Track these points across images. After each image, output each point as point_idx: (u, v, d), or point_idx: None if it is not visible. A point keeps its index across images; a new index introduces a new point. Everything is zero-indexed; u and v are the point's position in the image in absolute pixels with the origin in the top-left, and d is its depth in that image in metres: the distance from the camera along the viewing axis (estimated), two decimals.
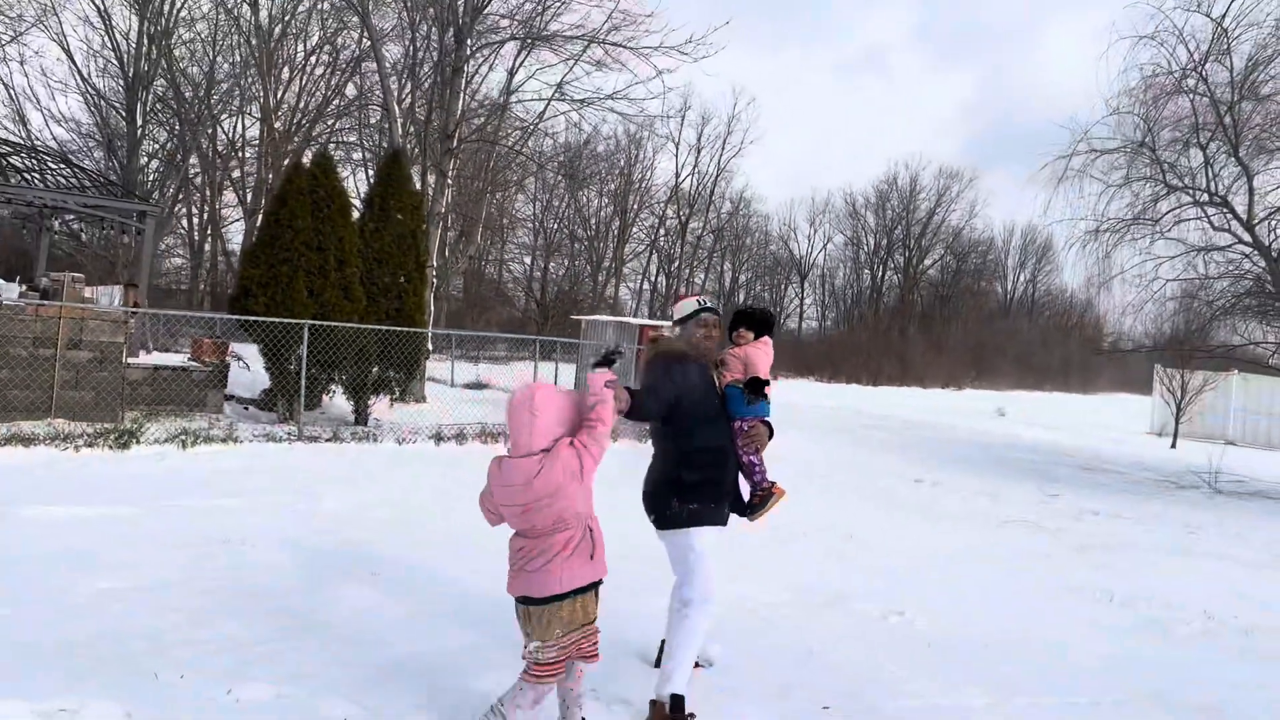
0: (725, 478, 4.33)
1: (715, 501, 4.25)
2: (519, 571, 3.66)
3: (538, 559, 3.62)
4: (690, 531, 4.24)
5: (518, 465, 3.58)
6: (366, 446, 11.98)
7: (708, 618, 4.17)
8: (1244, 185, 15.56)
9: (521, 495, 3.57)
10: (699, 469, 4.26)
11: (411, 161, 21.72)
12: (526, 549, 3.65)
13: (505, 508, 3.65)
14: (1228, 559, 9.32)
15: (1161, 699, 4.94)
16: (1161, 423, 27.39)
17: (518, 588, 3.68)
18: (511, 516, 3.67)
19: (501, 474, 3.64)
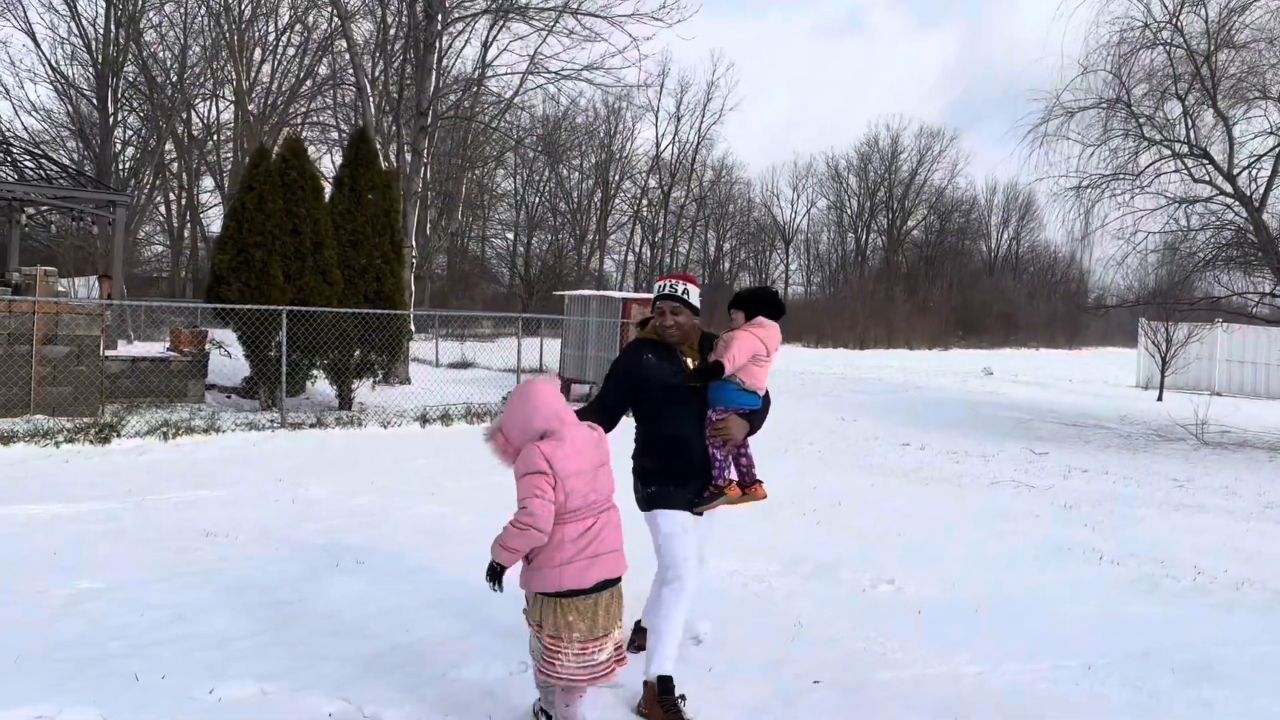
0: (685, 466, 4.12)
1: (675, 485, 4.12)
2: (593, 558, 3.42)
3: (610, 535, 3.50)
4: (654, 514, 4.16)
5: (578, 430, 3.51)
6: (351, 431, 11.89)
7: (678, 596, 4.05)
8: (1223, 135, 15.49)
9: (594, 455, 3.50)
10: (654, 455, 4.18)
11: (388, 140, 21.48)
12: (596, 528, 3.45)
13: (577, 477, 3.41)
14: (1216, 511, 9.34)
15: (1152, 657, 4.93)
16: (1147, 376, 27.50)
17: (599, 572, 3.43)
18: (584, 485, 3.43)
19: (568, 443, 3.43)
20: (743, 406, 4.11)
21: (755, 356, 4.08)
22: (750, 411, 4.13)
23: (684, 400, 4.12)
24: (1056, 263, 71.37)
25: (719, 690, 4.25)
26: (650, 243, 57.98)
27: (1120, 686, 4.53)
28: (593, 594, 3.43)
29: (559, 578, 3.40)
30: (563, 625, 3.42)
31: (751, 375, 4.09)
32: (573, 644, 3.42)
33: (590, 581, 3.41)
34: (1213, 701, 4.36)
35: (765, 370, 4.15)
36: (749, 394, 4.10)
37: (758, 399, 4.14)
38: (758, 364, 4.10)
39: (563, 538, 3.40)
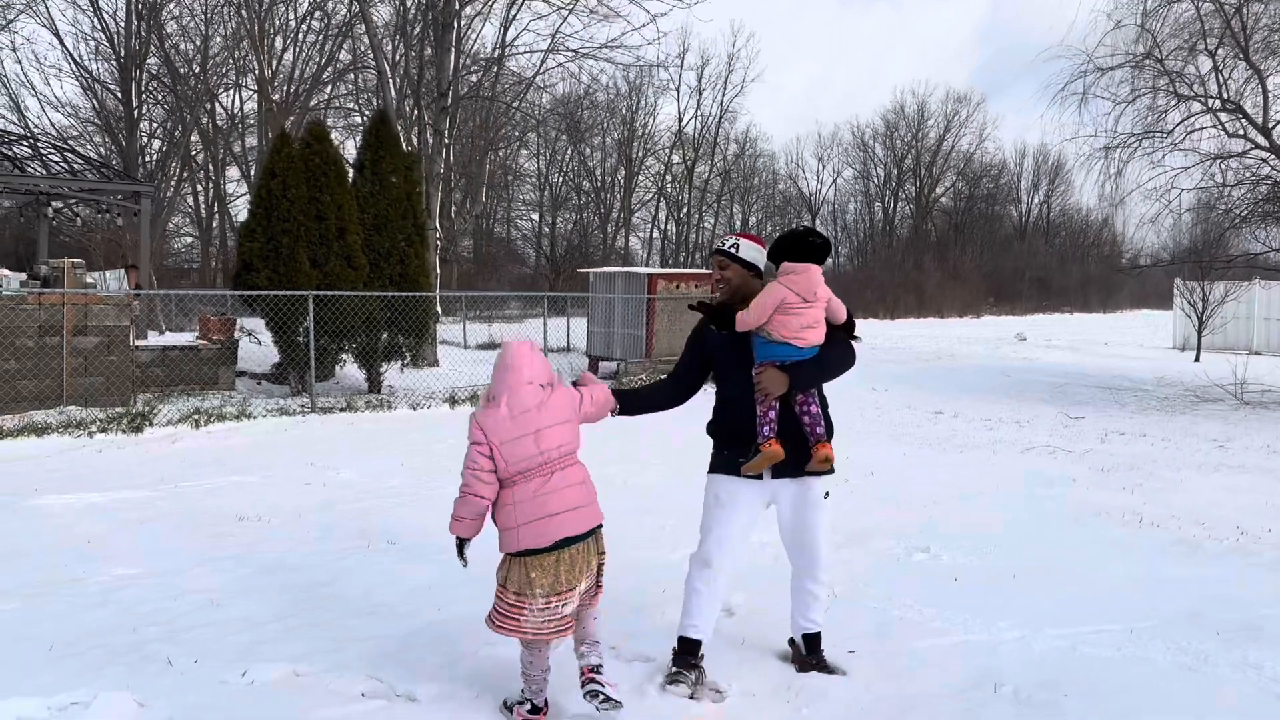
0: (733, 426, 4.01)
1: (727, 448, 4.01)
2: (550, 516, 3.47)
3: (571, 494, 3.53)
4: (709, 478, 4.11)
5: (525, 390, 3.54)
6: (381, 414, 11.93)
7: (695, 579, 4.00)
8: (1256, 89, 15.10)
9: (540, 416, 3.52)
10: (718, 420, 4.11)
11: (410, 123, 21.46)
12: (551, 487, 3.50)
13: (514, 443, 3.47)
14: (1258, 471, 9.16)
15: (1198, 620, 4.82)
16: (1184, 337, 27.03)
17: (558, 530, 3.47)
18: (524, 449, 3.48)
19: (503, 408, 3.51)
20: (781, 358, 3.85)
21: (783, 306, 3.82)
22: (795, 364, 3.86)
23: (737, 366, 3.99)
24: (1089, 225, 70.28)
25: (752, 662, 4.21)
26: (675, 219, 57.69)
27: (1165, 650, 4.43)
28: (553, 551, 3.48)
29: (517, 538, 3.48)
30: (525, 583, 3.48)
31: (783, 326, 3.83)
32: (536, 600, 3.48)
33: (548, 540, 3.46)
34: (1261, 663, 4.26)
35: (802, 319, 3.83)
36: (783, 345, 3.85)
37: (798, 350, 3.85)
38: (788, 313, 3.82)
39: (514, 499, 3.49)
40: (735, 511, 3.97)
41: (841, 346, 4.01)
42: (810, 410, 3.95)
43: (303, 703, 3.75)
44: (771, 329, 3.84)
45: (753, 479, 3.94)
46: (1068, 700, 3.84)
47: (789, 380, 3.85)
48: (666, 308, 16.46)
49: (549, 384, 3.66)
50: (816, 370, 3.93)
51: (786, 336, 3.83)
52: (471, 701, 3.78)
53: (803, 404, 3.95)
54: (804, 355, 3.86)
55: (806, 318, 3.85)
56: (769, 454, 3.83)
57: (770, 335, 3.85)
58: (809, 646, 4.16)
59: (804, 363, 3.87)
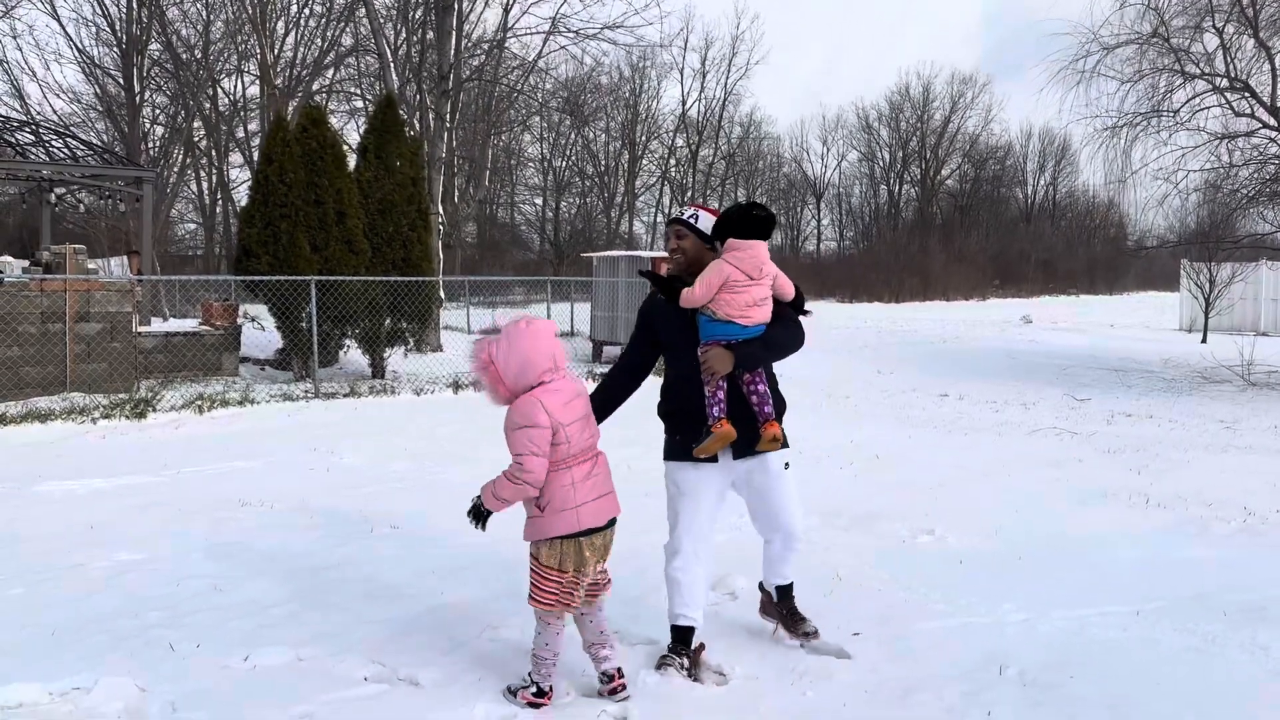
0: (685, 406, 3.92)
1: (681, 433, 3.91)
2: (601, 496, 3.58)
3: (609, 477, 3.66)
4: (666, 466, 4.04)
5: (568, 378, 3.60)
6: (384, 399, 11.92)
7: (673, 569, 3.94)
8: (1265, 66, 14.95)
9: (585, 402, 3.64)
10: (663, 399, 4.05)
11: (413, 107, 21.37)
12: (598, 469, 3.60)
13: (576, 424, 3.52)
14: (1266, 452, 9.11)
15: (1204, 601, 4.79)
16: (1191, 318, 26.92)
17: (609, 509, 3.62)
18: (580, 430, 3.55)
19: (564, 392, 3.53)
20: (726, 337, 3.77)
21: (727, 283, 3.73)
22: (742, 342, 3.77)
23: (685, 340, 3.90)
24: (1095, 207, 69.90)
25: (756, 645, 4.19)
26: (679, 203, 57.46)
27: (1171, 631, 4.40)
28: (605, 530, 3.61)
29: (577, 518, 3.49)
30: (581, 561, 3.53)
31: (728, 304, 3.75)
32: (588, 575, 3.58)
33: (605, 518, 3.58)
34: (1269, 644, 4.23)
35: (747, 297, 3.76)
36: (727, 324, 3.77)
37: (742, 328, 3.78)
38: (732, 291, 3.74)
39: (573, 480, 3.50)
40: (698, 499, 3.92)
41: (789, 324, 3.94)
42: (758, 389, 3.89)
43: (305, 687, 3.74)
44: (716, 307, 3.77)
45: (709, 462, 3.88)
46: (1073, 682, 3.81)
47: (734, 359, 3.77)
48: None
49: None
50: (763, 349, 3.85)
51: (731, 315, 3.76)
52: (474, 686, 3.76)
53: (749, 383, 3.89)
54: (750, 333, 3.79)
55: (751, 295, 3.77)
56: (721, 435, 3.76)
57: (714, 314, 3.78)
58: (781, 594, 4.28)
59: (750, 341, 3.80)
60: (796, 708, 3.63)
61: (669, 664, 3.87)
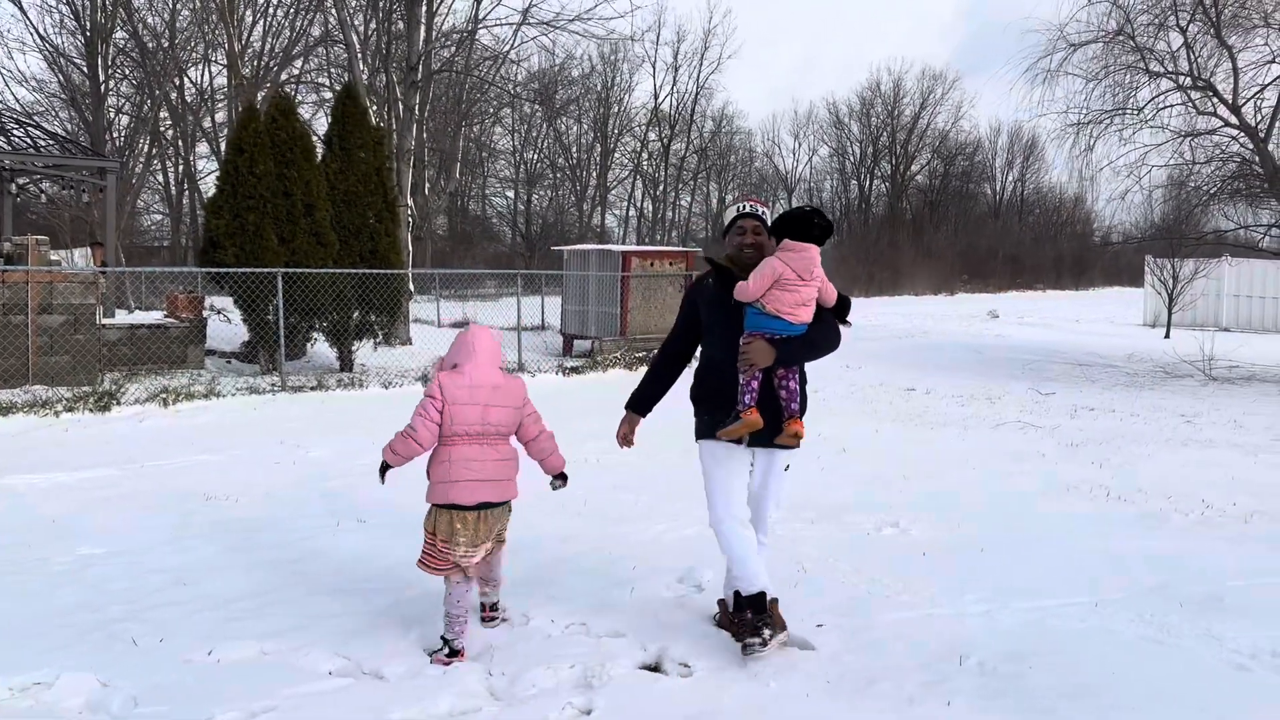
0: (718, 387, 4.07)
1: (709, 412, 4.10)
2: (480, 481, 3.99)
3: (501, 468, 4.05)
4: (699, 445, 4.20)
5: (484, 370, 4.04)
6: (352, 393, 11.85)
7: (725, 538, 4.06)
8: (1226, 66, 15.19)
9: (493, 395, 4.02)
10: (697, 380, 4.23)
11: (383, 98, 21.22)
12: (485, 457, 4.01)
13: (466, 407, 3.97)
14: (1225, 446, 9.27)
15: (1162, 592, 4.88)
16: (1155, 313, 27.29)
17: (483, 495, 3.99)
18: (472, 415, 3.98)
19: (466, 376, 4.01)
20: (771, 332, 3.90)
21: (780, 281, 3.87)
22: (784, 338, 3.92)
23: (726, 324, 4.04)
24: (1062, 203, 70.63)
25: (719, 636, 4.21)
26: (651, 196, 57.48)
27: (1130, 621, 4.48)
28: (475, 510, 3.98)
29: (446, 492, 3.98)
30: (450, 532, 3.97)
31: (778, 300, 3.88)
32: (459, 548, 3.97)
33: (473, 500, 3.98)
34: (1223, 634, 4.31)
35: (797, 296, 3.89)
36: (776, 319, 3.90)
37: (789, 325, 3.91)
38: (784, 289, 3.87)
39: (451, 457, 3.99)
40: (731, 470, 4.08)
41: (828, 328, 4.08)
42: (789, 385, 4.04)
43: (269, 681, 3.73)
44: (767, 301, 3.91)
45: (732, 444, 4.02)
46: (1032, 672, 3.87)
47: (775, 354, 3.91)
48: (641, 285, 16.42)
49: (503, 369, 4.18)
50: (803, 347, 4.00)
51: (781, 311, 3.90)
52: (439, 679, 3.77)
53: (783, 378, 4.03)
54: (794, 331, 3.94)
55: (801, 295, 3.92)
56: (749, 422, 3.92)
57: (764, 307, 3.91)
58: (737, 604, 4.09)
59: (792, 338, 3.94)
60: (760, 698, 3.67)
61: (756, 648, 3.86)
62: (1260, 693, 3.76)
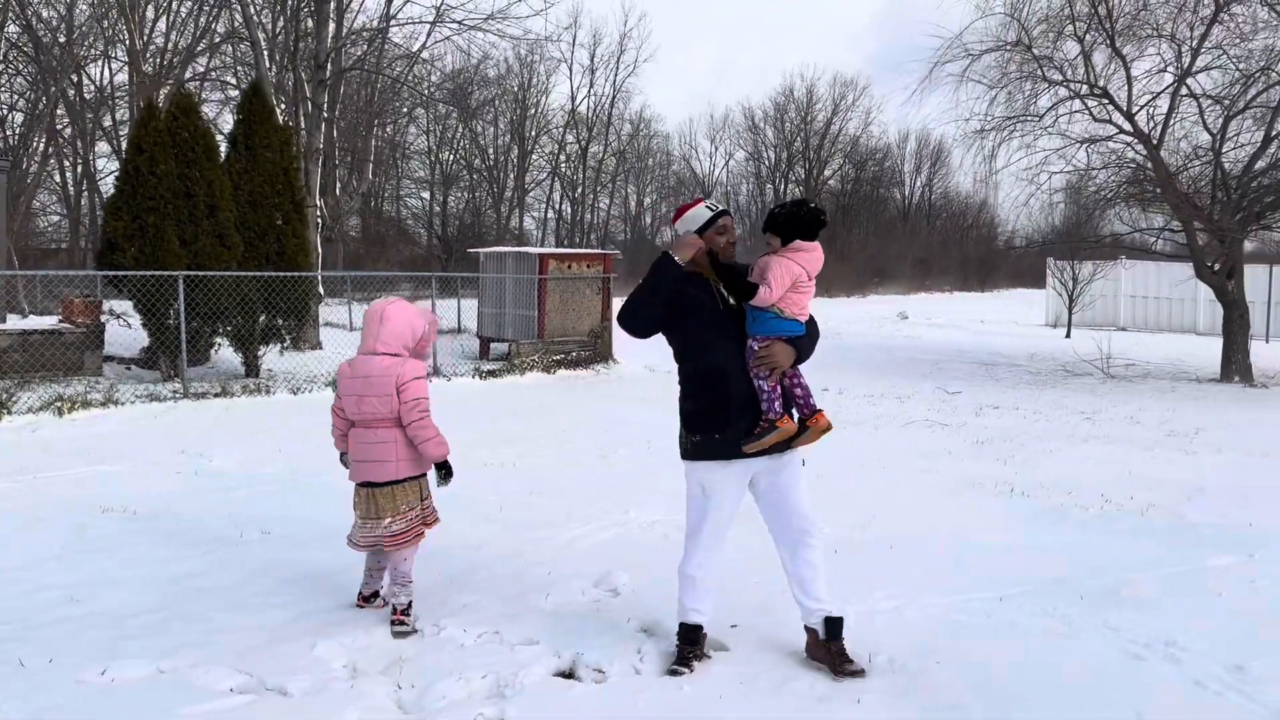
0: (728, 402, 3.84)
1: (719, 429, 3.85)
2: (360, 462, 4.37)
3: (380, 450, 4.33)
4: (688, 465, 3.99)
5: (369, 360, 4.35)
6: (258, 399, 11.53)
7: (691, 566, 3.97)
8: (1121, 74, 15.77)
9: (365, 385, 4.32)
10: (695, 395, 3.94)
11: (292, 97, 20.72)
12: (367, 439, 4.34)
13: (346, 396, 4.40)
14: (1122, 441, 9.62)
15: (1062, 585, 5.02)
16: (1056, 314, 28.24)
17: (362, 475, 4.38)
18: (351, 404, 4.37)
19: (354, 367, 4.40)
20: (787, 333, 3.86)
21: (796, 283, 3.84)
22: (796, 338, 3.89)
23: (721, 330, 3.87)
24: (968, 208, 72.64)
25: (635, 641, 4.20)
26: (570, 199, 57.35)
27: (1032, 615, 4.60)
28: (362, 488, 4.39)
29: (352, 469, 4.48)
30: (355, 503, 4.46)
31: (792, 303, 3.85)
32: (356, 518, 4.46)
33: (358, 479, 4.40)
34: (1120, 625, 4.45)
35: (807, 296, 3.91)
36: (790, 321, 3.86)
37: (798, 325, 3.90)
38: (798, 290, 3.86)
39: (352, 441, 4.43)
40: (724, 499, 3.93)
41: (814, 323, 4.09)
42: (802, 382, 4.01)
43: (166, 700, 3.59)
44: (783, 305, 3.85)
45: (742, 458, 3.85)
46: (939, 668, 3.94)
47: (794, 353, 3.88)
48: (559, 288, 16.34)
49: (400, 351, 4.38)
50: (810, 343, 3.99)
51: (795, 313, 3.88)
52: (346, 693, 3.67)
53: (794, 376, 3.98)
54: (802, 332, 3.93)
55: (808, 295, 3.94)
56: (784, 430, 3.83)
57: (782, 311, 3.85)
58: (830, 632, 3.93)
59: (803, 338, 3.93)
60: (674, 701, 3.66)
61: (681, 673, 3.86)
62: (1155, 681, 3.89)
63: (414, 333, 4.42)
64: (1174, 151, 16.51)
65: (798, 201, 4.06)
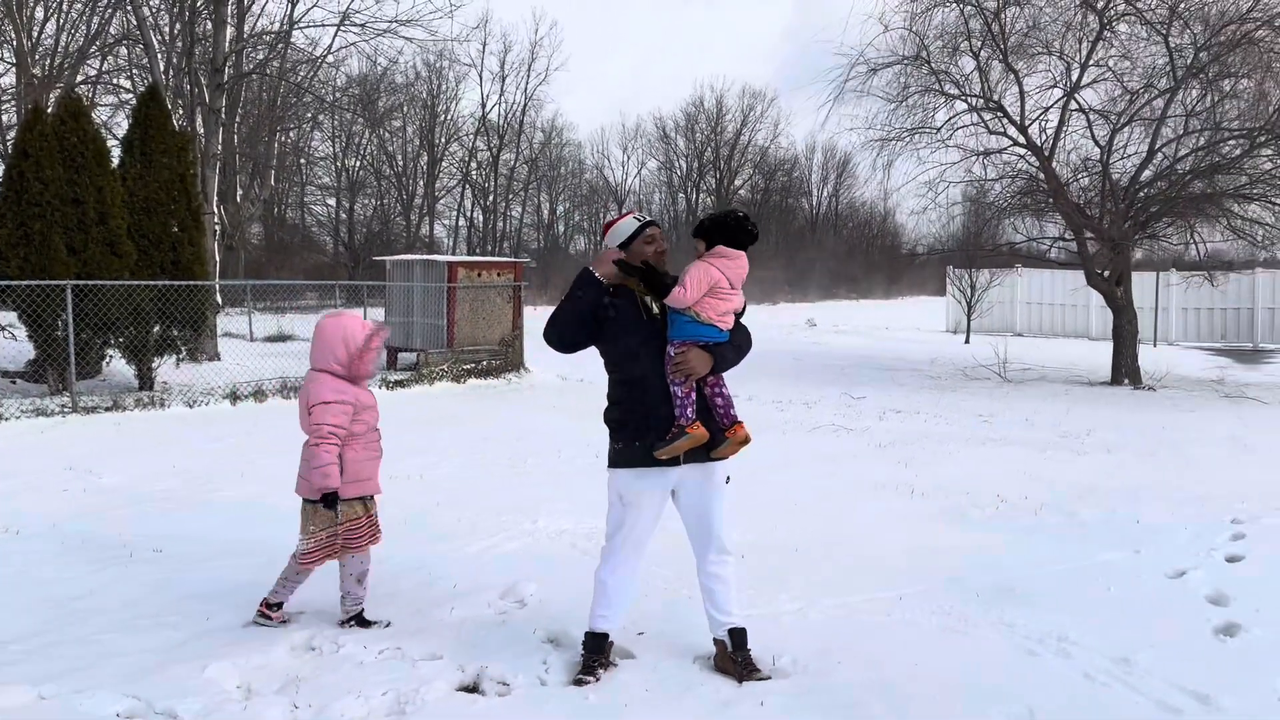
0: (646, 409, 3.82)
1: (639, 436, 3.83)
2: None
3: (301, 465, 4.31)
4: (610, 473, 3.96)
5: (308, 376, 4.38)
6: (152, 413, 11.12)
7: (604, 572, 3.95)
8: (1014, 89, 16.37)
9: (303, 400, 4.35)
10: (616, 403, 3.93)
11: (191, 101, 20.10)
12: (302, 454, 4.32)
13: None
14: (1018, 443, 9.93)
15: (960, 584, 5.16)
16: (956, 320, 29.10)
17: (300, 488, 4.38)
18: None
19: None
20: (704, 339, 3.81)
21: (715, 288, 3.80)
22: (715, 345, 3.84)
23: (646, 340, 3.85)
24: (873, 217, 74.42)
25: (541, 652, 4.16)
26: (482, 206, 56.90)
27: (930, 613, 4.71)
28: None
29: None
30: None
31: (711, 308, 3.81)
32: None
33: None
34: (1014, 621, 4.59)
35: (729, 304, 3.86)
36: (708, 327, 3.81)
37: (720, 332, 3.85)
38: (717, 297, 3.81)
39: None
40: (642, 508, 3.90)
41: (745, 332, 4.06)
42: (724, 392, 3.98)
43: None
44: (700, 309, 3.81)
45: (662, 466, 3.83)
46: (840, 668, 4.00)
47: (713, 361, 3.83)
48: (468, 296, 16.16)
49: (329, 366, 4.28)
50: (733, 353, 3.95)
51: (714, 319, 3.83)
52: (238, 715, 3.55)
53: (715, 385, 3.96)
54: (723, 338, 3.88)
55: (732, 302, 3.89)
56: (695, 436, 3.78)
57: (698, 315, 3.81)
58: (735, 643, 3.97)
59: (723, 344, 3.89)
60: (579, 712, 3.63)
61: (587, 682, 3.82)
62: (1048, 676, 4.01)
63: (348, 347, 4.25)
64: (1065, 163, 17.22)
65: (727, 209, 4.09)
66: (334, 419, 4.19)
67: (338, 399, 4.21)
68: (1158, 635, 4.43)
